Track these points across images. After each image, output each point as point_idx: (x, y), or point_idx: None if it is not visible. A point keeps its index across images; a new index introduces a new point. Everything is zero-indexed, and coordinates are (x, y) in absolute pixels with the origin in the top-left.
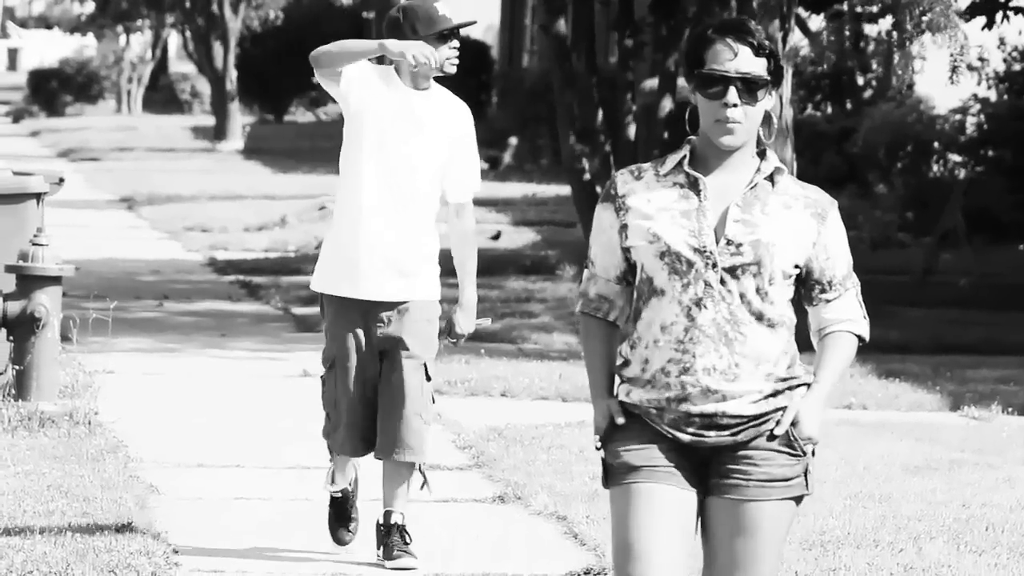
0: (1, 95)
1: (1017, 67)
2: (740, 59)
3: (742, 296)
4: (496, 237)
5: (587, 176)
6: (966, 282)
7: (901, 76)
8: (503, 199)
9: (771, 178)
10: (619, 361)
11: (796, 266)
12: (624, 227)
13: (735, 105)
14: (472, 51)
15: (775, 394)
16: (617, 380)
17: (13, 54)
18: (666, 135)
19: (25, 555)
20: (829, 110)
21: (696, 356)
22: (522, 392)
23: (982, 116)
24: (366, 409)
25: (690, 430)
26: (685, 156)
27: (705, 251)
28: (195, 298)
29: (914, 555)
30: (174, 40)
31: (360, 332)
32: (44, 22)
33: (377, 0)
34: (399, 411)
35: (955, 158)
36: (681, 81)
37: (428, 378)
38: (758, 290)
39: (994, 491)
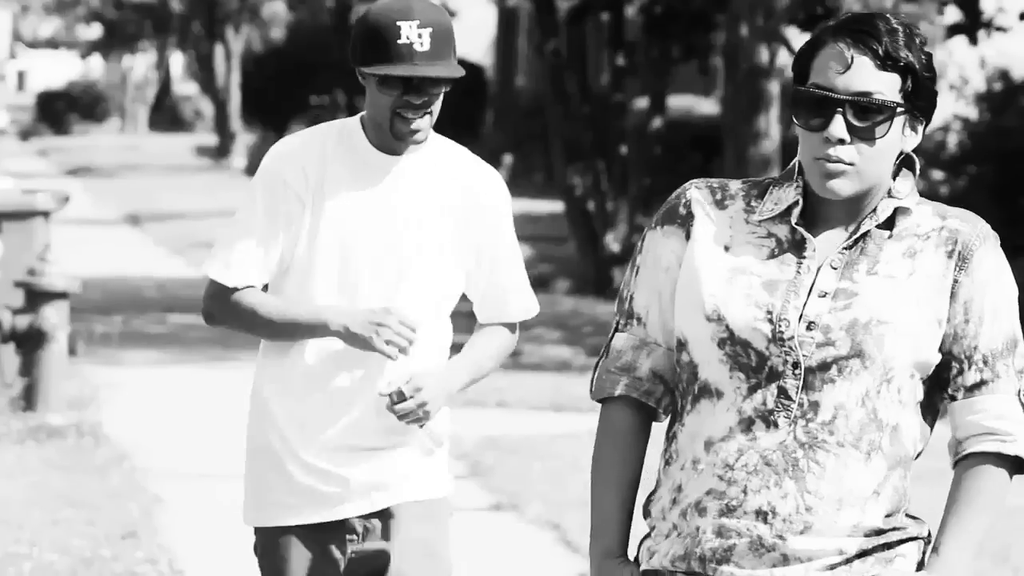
0: (10, 115)
1: (997, 86)
2: (855, 72)
3: (838, 410)
4: None
5: (579, 193)
6: None
7: None
8: None
9: (891, 221)
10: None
11: (942, 350)
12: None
13: (841, 141)
14: (467, 71)
15: (862, 555)
16: (639, 518)
17: (22, 75)
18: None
19: (33, 563)
20: None
21: (748, 492)
22: (517, 403)
23: (964, 134)
24: None
25: None
26: (797, 203)
27: (784, 342)
28: (200, 313)
29: None
30: (178, 61)
31: (321, 559)
32: (52, 44)
33: None
34: None
35: (937, 175)
36: (671, 100)
37: None
38: (867, 398)
39: None
